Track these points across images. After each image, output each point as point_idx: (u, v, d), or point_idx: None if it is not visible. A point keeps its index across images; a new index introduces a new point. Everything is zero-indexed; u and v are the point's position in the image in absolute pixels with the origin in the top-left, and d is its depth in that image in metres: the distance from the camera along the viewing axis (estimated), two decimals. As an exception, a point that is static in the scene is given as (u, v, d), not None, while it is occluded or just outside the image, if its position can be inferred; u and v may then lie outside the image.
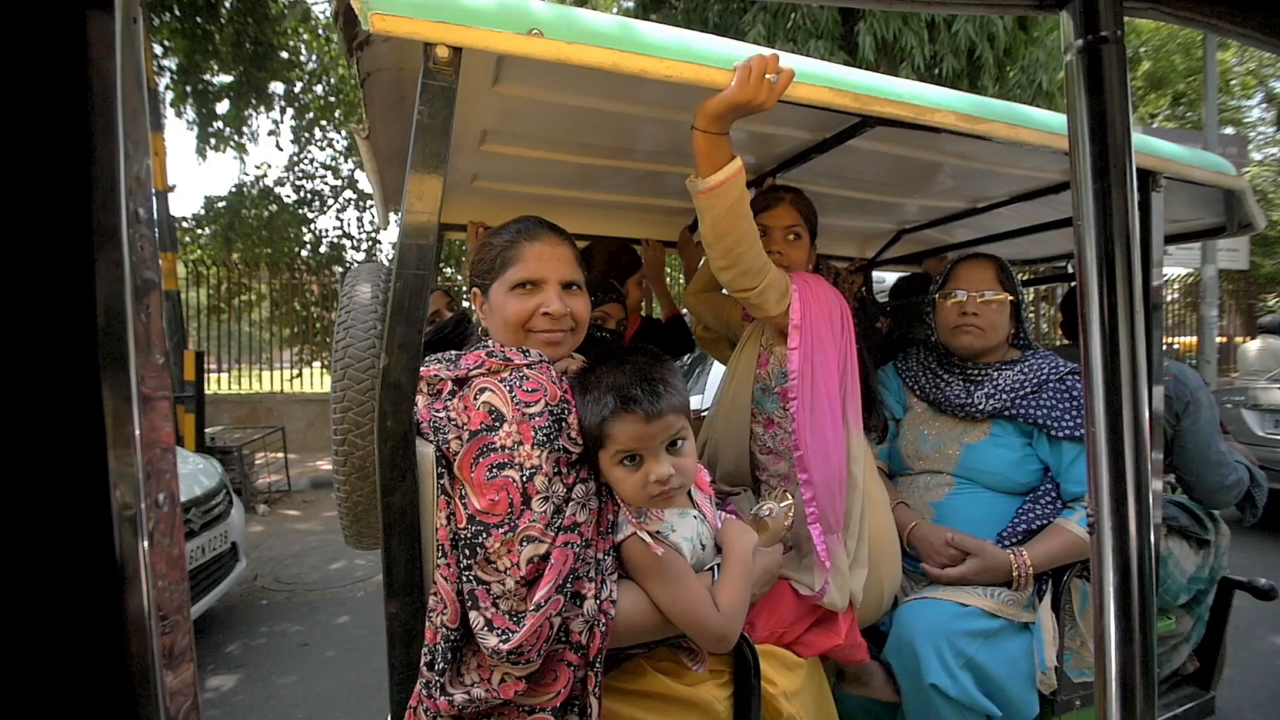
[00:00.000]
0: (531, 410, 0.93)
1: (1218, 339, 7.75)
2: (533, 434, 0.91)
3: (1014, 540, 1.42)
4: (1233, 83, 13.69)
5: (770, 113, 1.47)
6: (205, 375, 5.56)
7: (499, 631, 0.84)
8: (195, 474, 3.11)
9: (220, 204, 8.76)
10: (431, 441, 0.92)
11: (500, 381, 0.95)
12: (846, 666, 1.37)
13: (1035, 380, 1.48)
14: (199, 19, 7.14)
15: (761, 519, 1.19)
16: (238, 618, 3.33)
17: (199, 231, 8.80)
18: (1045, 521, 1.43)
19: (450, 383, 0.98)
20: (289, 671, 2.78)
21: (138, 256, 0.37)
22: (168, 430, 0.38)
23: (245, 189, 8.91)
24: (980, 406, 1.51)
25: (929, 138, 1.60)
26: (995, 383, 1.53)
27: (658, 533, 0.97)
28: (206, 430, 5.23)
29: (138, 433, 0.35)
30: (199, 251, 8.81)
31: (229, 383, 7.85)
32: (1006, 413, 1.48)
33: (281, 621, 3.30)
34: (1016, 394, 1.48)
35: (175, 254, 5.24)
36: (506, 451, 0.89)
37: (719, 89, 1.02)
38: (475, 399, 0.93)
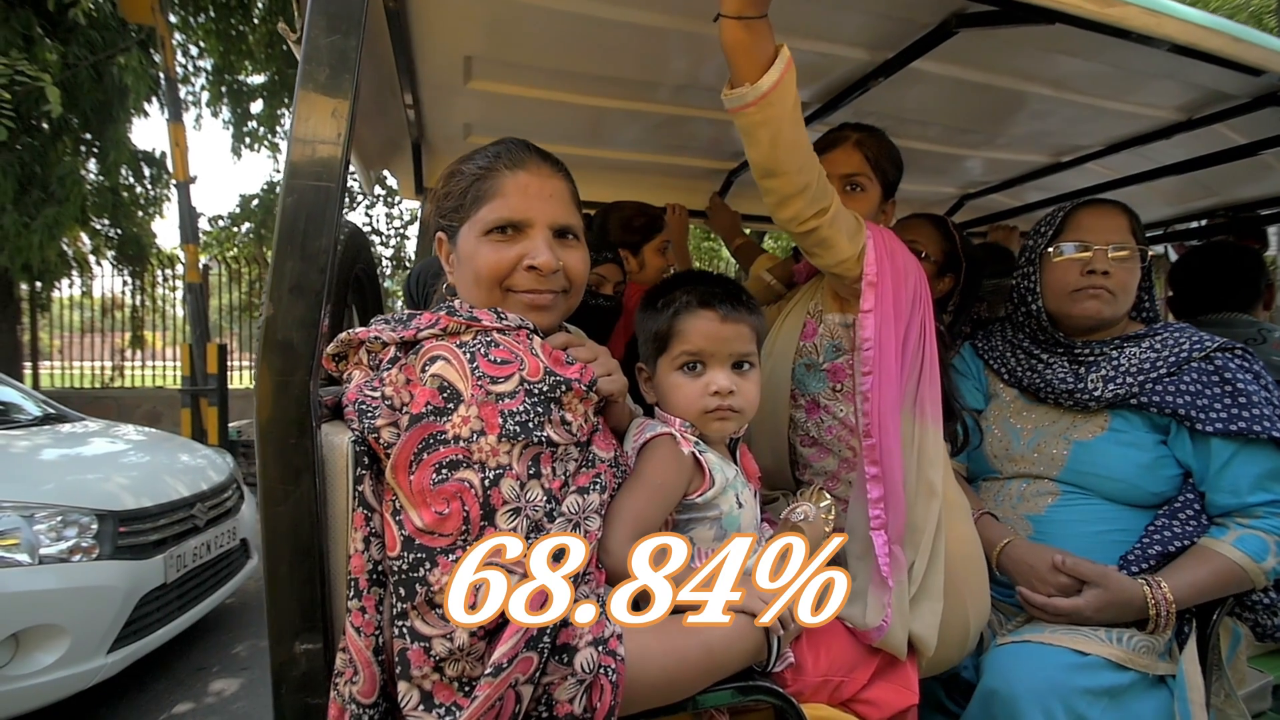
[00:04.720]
0: (500, 388, 0.67)
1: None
2: (500, 421, 0.66)
3: (1145, 566, 1.09)
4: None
5: (817, 26, 1.19)
6: (230, 369, 5.55)
7: (441, 709, 0.58)
8: (203, 467, 2.99)
9: (254, 202, 8.88)
10: (355, 430, 0.67)
11: (459, 347, 0.70)
12: None
13: (1173, 359, 1.14)
14: (233, 20, 7.22)
15: (796, 525, 0.96)
16: (250, 616, 3.24)
17: (234, 230, 8.95)
18: (1186, 542, 1.10)
19: (394, 349, 0.73)
20: (294, 678, 2.65)
21: None
22: None
23: (277, 186, 9.02)
24: (1095, 393, 1.17)
25: (1017, 58, 1.28)
26: (1115, 363, 1.19)
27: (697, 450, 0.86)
28: (231, 424, 5.20)
29: None
30: (235, 249, 8.97)
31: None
32: (1133, 400, 1.14)
33: (293, 622, 3.19)
34: (1146, 376, 1.14)
35: (197, 246, 5.21)
36: (461, 444, 0.64)
37: None
38: (422, 371, 0.68)
